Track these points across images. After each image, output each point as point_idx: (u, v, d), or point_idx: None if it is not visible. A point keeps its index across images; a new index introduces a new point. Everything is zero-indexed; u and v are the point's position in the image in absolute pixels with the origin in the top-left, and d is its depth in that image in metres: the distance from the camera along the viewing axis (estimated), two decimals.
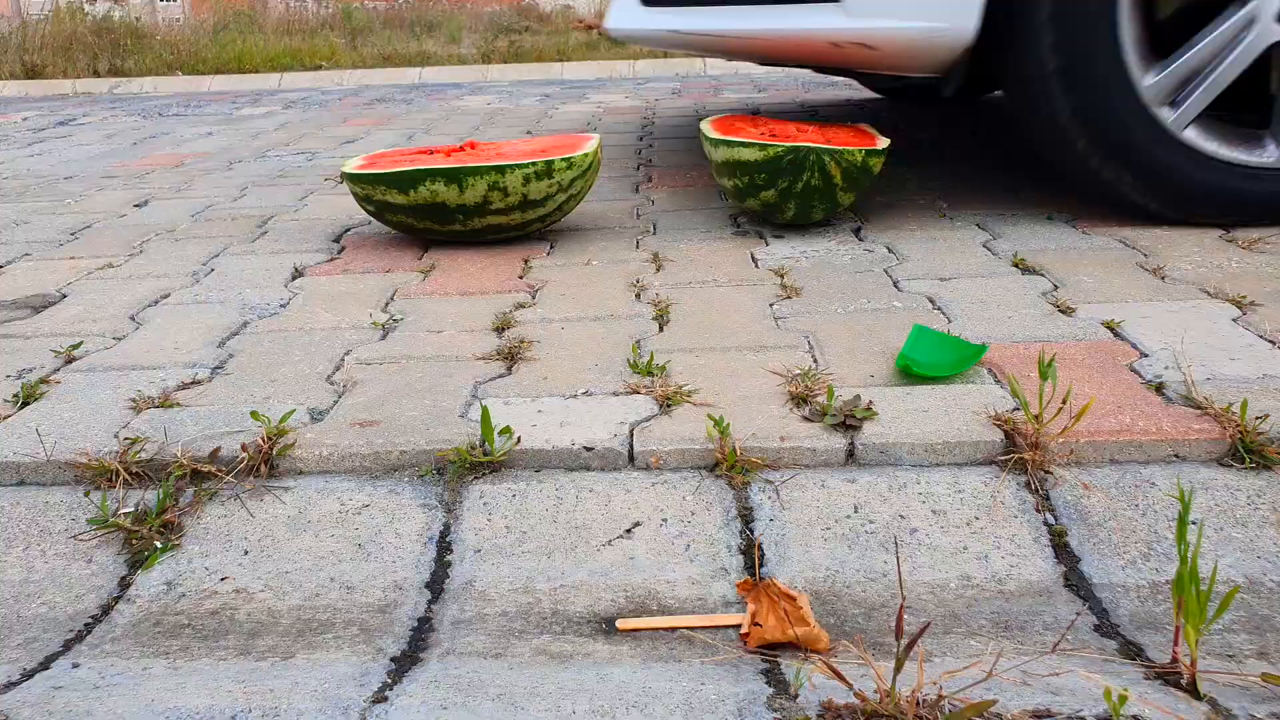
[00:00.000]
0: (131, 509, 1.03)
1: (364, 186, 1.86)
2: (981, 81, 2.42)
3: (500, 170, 1.77)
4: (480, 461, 1.06)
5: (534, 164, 1.79)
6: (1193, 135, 1.73)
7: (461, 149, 2.04)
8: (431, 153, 2.01)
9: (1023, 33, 1.73)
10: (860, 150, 1.78)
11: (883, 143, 1.84)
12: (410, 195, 1.81)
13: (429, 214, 1.84)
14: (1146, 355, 1.24)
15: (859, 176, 1.82)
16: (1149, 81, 1.70)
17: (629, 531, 0.99)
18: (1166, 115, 1.72)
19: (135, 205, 2.47)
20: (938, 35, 1.72)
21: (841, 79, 4.85)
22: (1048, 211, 2.01)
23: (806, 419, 1.10)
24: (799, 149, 1.77)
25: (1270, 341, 1.27)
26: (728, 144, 1.84)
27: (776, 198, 1.85)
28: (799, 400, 1.15)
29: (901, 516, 0.99)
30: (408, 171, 1.79)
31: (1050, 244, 1.77)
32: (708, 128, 1.96)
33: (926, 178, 2.39)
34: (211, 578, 0.97)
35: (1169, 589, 0.91)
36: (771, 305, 1.50)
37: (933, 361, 1.21)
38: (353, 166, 1.90)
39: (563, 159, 1.81)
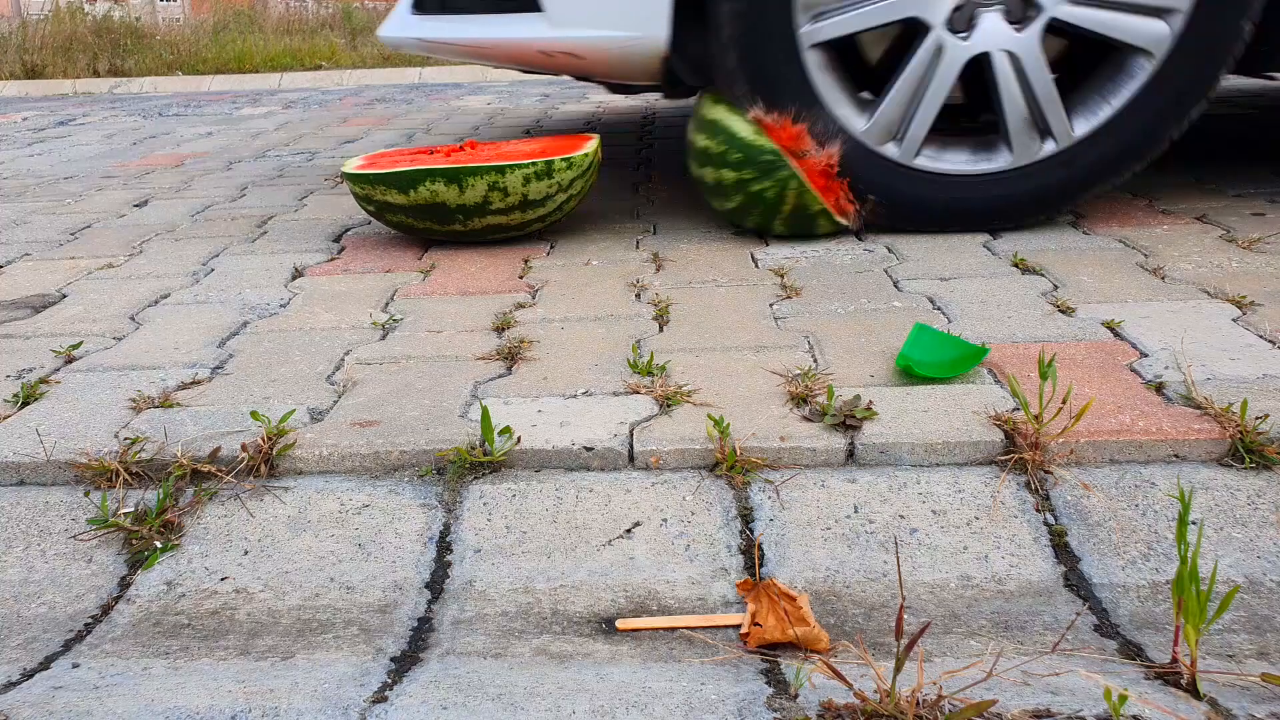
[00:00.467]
0: (131, 509, 1.03)
1: (364, 186, 1.86)
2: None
3: (500, 170, 1.77)
4: (480, 461, 1.06)
5: (534, 164, 1.79)
6: (925, 161, 1.78)
7: (461, 149, 2.04)
8: (431, 153, 2.01)
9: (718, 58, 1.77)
10: (821, 204, 1.77)
11: (848, 221, 1.82)
12: (410, 195, 1.81)
13: (429, 214, 1.84)
14: (1146, 355, 1.24)
15: (803, 222, 1.81)
16: (863, 127, 1.76)
17: (629, 531, 0.99)
18: (893, 151, 1.77)
19: (135, 205, 2.47)
20: (633, 44, 1.78)
21: None
22: None
23: (806, 419, 1.10)
24: (782, 160, 1.73)
25: (1270, 341, 1.27)
26: (730, 108, 1.80)
27: (733, 181, 1.79)
28: (799, 400, 1.15)
29: (901, 516, 0.99)
30: (408, 172, 1.79)
31: (1050, 244, 1.77)
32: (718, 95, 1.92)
33: None
34: (211, 578, 0.97)
35: (1169, 589, 0.91)
36: (771, 305, 1.50)
37: (933, 361, 1.21)
38: (353, 166, 1.90)
39: (563, 159, 1.81)
